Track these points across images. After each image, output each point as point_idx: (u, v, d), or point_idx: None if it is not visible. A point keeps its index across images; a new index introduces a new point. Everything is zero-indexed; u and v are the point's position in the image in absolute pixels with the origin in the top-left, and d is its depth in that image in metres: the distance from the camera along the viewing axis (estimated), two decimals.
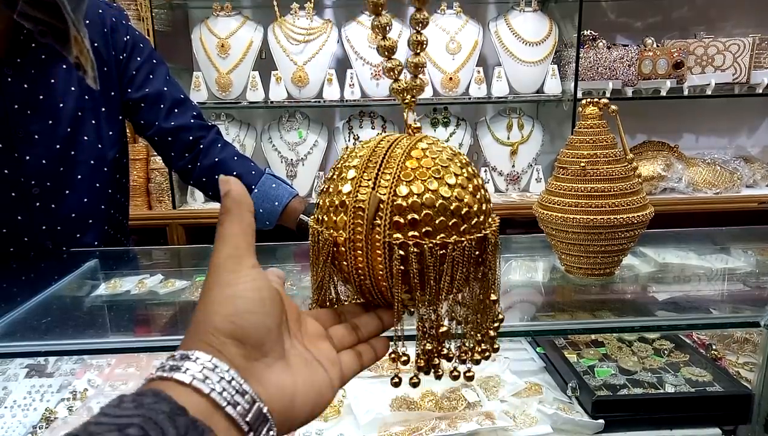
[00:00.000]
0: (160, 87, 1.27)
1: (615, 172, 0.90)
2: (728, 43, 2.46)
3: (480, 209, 0.44)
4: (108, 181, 1.25)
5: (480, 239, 0.43)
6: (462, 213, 0.42)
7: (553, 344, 1.15)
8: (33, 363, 1.12)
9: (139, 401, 0.29)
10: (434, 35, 2.45)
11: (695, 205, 2.42)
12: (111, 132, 1.23)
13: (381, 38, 0.45)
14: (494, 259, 0.46)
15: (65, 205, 1.17)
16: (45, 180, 1.14)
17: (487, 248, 0.44)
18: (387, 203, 0.41)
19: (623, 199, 0.89)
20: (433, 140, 0.46)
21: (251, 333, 0.36)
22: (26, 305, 0.92)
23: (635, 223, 0.89)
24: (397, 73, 0.46)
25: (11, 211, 1.13)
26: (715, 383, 1.00)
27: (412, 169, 0.43)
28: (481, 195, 0.45)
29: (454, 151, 0.46)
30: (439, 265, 0.42)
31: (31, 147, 1.11)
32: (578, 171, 0.91)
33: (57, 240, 1.18)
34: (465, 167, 0.45)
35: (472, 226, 0.43)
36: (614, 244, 0.91)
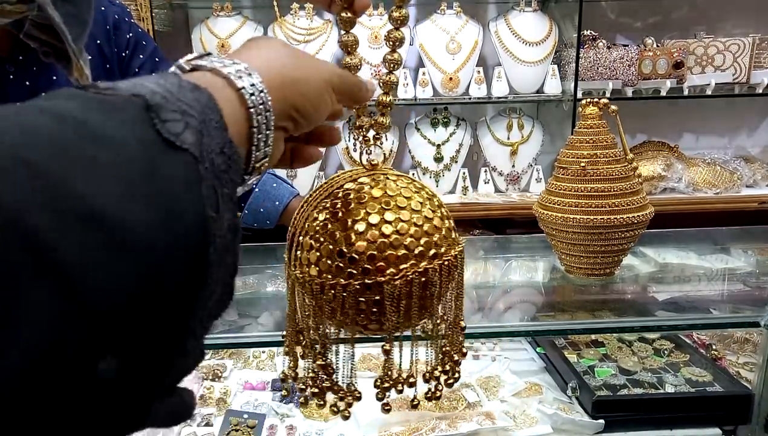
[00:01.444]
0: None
1: (615, 173, 0.90)
2: (728, 43, 2.46)
3: (427, 240, 0.43)
4: None
5: (423, 271, 0.42)
6: (406, 244, 0.41)
7: (553, 344, 1.15)
8: None
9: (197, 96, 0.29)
10: (434, 35, 2.45)
11: (695, 205, 2.42)
12: None
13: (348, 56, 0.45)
14: (444, 287, 0.44)
15: None
16: None
17: (430, 281, 0.43)
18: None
19: (623, 199, 0.89)
20: (383, 177, 0.46)
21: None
22: None
23: (635, 223, 0.89)
24: (361, 113, 0.46)
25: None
26: (715, 383, 1.00)
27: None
28: (431, 224, 0.43)
29: (408, 183, 0.46)
30: (389, 299, 0.41)
31: None
32: (578, 171, 0.91)
33: None
34: (411, 199, 0.44)
35: (417, 255, 0.42)
36: (614, 244, 0.91)
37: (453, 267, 0.44)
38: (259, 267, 1.15)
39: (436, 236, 0.42)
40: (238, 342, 0.85)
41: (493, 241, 1.76)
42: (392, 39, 0.46)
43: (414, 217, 0.42)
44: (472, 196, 2.49)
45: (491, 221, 2.50)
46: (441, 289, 0.43)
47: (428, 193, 0.45)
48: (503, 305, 1.01)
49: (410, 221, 0.41)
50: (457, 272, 0.45)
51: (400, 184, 0.44)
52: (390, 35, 0.46)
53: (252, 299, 0.99)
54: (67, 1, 0.40)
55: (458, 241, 0.46)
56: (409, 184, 0.45)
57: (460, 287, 0.47)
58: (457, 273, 0.45)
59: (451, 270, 0.43)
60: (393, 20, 0.45)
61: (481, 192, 2.56)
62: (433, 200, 0.45)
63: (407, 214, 0.42)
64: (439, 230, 0.43)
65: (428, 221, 0.42)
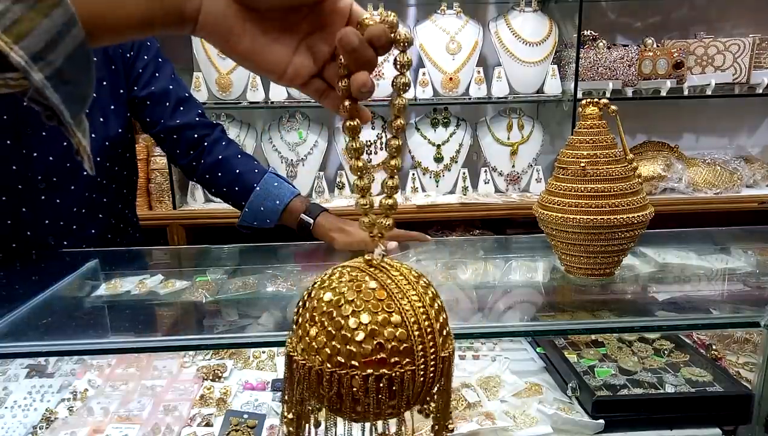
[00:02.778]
0: (166, 85, 1.29)
1: (615, 173, 0.90)
2: (728, 43, 2.46)
3: (413, 344, 0.43)
4: (113, 177, 1.27)
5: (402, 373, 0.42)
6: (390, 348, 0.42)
7: (553, 344, 1.15)
8: (33, 363, 1.12)
9: None
10: (434, 35, 2.45)
11: (695, 205, 2.42)
12: (119, 129, 1.25)
13: (357, 178, 0.46)
14: (417, 390, 0.44)
15: (70, 199, 1.20)
16: (51, 175, 1.17)
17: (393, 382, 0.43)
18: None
19: (623, 199, 0.89)
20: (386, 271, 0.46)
21: None
22: (26, 305, 0.92)
23: (635, 223, 0.89)
24: (368, 209, 0.47)
25: (17, 205, 1.16)
26: (715, 383, 1.00)
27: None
28: (425, 325, 0.43)
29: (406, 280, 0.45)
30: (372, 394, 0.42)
31: (39, 144, 1.14)
32: (578, 171, 0.91)
33: (59, 234, 1.20)
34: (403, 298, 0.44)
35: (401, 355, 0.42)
36: (614, 244, 0.91)
37: (430, 371, 0.44)
38: (259, 267, 1.15)
39: (410, 342, 0.42)
40: (238, 342, 0.85)
41: (493, 241, 1.77)
42: (390, 188, 0.47)
43: (393, 318, 0.42)
44: (472, 196, 2.49)
45: (491, 221, 2.50)
46: (413, 390, 0.43)
47: (420, 291, 0.45)
48: (503, 305, 1.01)
49: (388, 323, 0.42)
50: (437, 375, 0.45)
51: (388, 283, 0.44)
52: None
53: (252, 299, 0.99)
54: (69, 83, 0.40)
55: (446, 344, 0.45)
56: (400, 282, 0.44)
57: (446, 389, 0.47)
58: (436, 376, 0.45)
59: (426, 374, 0.43)
60: (390, 148, 0.46)
61: (481, 192, 2.56)
62: (422, 300, 0.44)
63: (383, 315, 0.42)
64: (419, 335, 0.43)
65: (403, 326, 0.42)
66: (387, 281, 0.44)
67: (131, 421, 0.96)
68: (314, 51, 0.50)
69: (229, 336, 0.82)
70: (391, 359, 0.42)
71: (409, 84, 0.46)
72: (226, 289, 1.02)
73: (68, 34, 0.39)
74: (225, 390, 1.05)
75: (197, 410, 1.00)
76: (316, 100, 0.52)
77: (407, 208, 2.37)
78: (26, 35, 0.37)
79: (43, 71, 0.38)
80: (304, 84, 0.51)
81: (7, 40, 0.36)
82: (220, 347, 1.08)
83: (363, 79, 0.45)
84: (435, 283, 0.48)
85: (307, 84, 0.51)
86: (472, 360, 1.14)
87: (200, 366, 1.12)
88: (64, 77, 0.39)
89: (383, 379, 0.42)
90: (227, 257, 1.25)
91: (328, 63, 0.50)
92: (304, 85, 0.51)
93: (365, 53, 0.44)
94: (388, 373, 0.42)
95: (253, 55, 0.49)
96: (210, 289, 1.02)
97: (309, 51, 0.50)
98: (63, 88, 0.40)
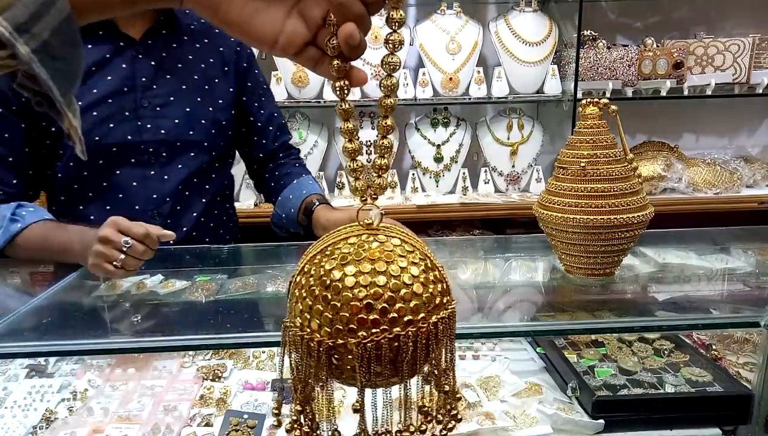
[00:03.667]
0: (273, 111, 1.44)
1: (615, 173, 0.90)
2: (728, 43, 2.46)
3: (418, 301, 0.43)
4: (213, 166, 1.32)
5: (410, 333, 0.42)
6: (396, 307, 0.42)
7: (553, 344, 1.15)
8: (33, 363, 1.12)
9: None
10: (434, 35, 2.45)
11: (695, 205, 2.42)
12: (224, 122, 1.31)
13: (347, 141, 0.46)
14: (421, 352, 0.44)
15: (175, 178, 1.25)
16: (161, 151, 1.23)
17: (402, 346, 0.43)
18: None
19: (623, 199, 0.89)
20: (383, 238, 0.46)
21: None
22: (27, 305, 0.92)
23: (635, 223, 0.89)
24: (358, 174, 0.47)
25: (129, 177, 1.22)
26: (715, 383, 1.00)
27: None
28: (409, 290, 0.43)
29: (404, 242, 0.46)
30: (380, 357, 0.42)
31: (152, 118, 1.22)
32: (578, 171, 0.91)
33: (163, 212, 1.25)
34: (406, 257, 0.44)
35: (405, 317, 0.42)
36: (614, 244, 0.91)
37: (431, 334, 0.44)
38: (259, 267, 1.15)
39: (413, 301, 0.42)
40: (238, 342, 0.85)
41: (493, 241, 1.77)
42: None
43: (391, 282, 0.42)
44: (472, 196, 2.49)
45: (491, 221, 2.50)
46: (417, 354, 0.43)
47: (419, 255, 0.45)
48: (503, 305, 1.01)
49: (386, 286, 0.42)
50: (439, 336, 0.44)
51: (386, 247, 0.44)
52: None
53: (252, 299, 0.99)
54: (57, 58, 0.40)
55: (446, 305, 0.45)
56: (397, 246, 0.44)
57: (449, 351, 0.47)
58: (438, 339, 0.44)
59: (429, 337, 0.43)
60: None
61: (481, 192, 2.56)
62: (420, 264, 0.44)
63: (384, 278, 0.42)
64: (418, 295, 0.43)
65: (406, 287, 0.42)
66: (387, 244, 0.44)
67: (131, 421, 0.96)
68: (306, 16, 0.48)
69: (229, 336, 0.82)
70: (393, 320, 0.42)
71: (399, 63, 0.46)
72: (226, 289, 1.02)
73: (53, 7, 0.39)
74: (225, 390, 1.05)
75: (197, 410, 1.00)
76: (311, 68, 0.50)
77: (407, 208, 2.37)
78: (9, 7, 0.36)
79: (28, 44, 0.38)
80: (298, 53, 0.50)
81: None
82: (220, 347, 1.08)
83: (349, 30, 0.44)
84: None
85: (300, 53, 0.50)
86: (472, 360, 1.14)
87: (200, 366, 1.12)
88: (51, 52, 0.39)
89: (385, 341, 0.42)
90: (227, 257, 1.25)
91: (321, 29, 0.48)
92: (297, 54, 0.50)
93: (353, 6, 0.43)
94: (392, 335, 0.42)
95: (244, 24, 0.48)
96: (210, 289, 1.02)
97: (301, 17, 0.48)
98: (51, 63, 0.39)
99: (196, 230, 1.30)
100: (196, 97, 1.26)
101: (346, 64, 0.46)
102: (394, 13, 0.44)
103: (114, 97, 1.19)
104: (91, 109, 1.17)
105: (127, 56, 1.20)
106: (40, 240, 1.12)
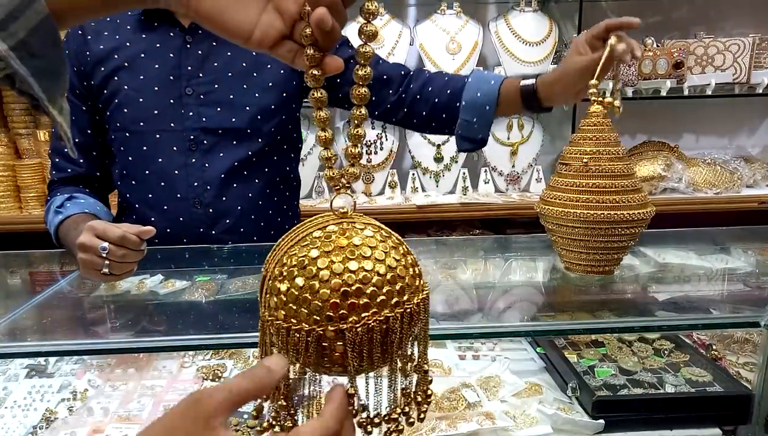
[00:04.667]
0: (375, 59, 1.29)
1: (617, 170, 0.90)
2: (728, 43, 2.46)
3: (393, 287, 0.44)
4: (261, 156, 1.28)
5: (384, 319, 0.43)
6: (368, 293, 0.43)
7: (553, 344, 1.15)
8: (33, 363, 1.12)
9: None
10: (434, 35, 2.45)
11: (695, 205, 2.42)
12: (272, 106, 1.27)
13: (321, 130, 0.47)
14: (406, 333, 0.45)
15: (217, 167, 1.24)
16: (203, 138, 1.23)
17: (391, 328, 0.44)
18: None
19: (624, 196, 0.90)
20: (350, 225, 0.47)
21: None
22: (27, 304, 0.92)
23: (636, 220, 0.89)
24: (332, 163, 0.47)
25: (172, 163, 1.22)
26: (715, 383, 1.00)
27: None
28: (394, 273, 0.44)
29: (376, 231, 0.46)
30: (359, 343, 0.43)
31: (195, 106, 1.22)
32: (581, 167, 0.91)
33: (204, 202, 1.24)
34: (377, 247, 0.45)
35: (378, 303, 0.43)
36: (614, 240, 0.91)
37: (415, 314, 0.45)
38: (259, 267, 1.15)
39: (398, 284, 0.44)
40: (238, 342, 0.85)
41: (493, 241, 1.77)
42: (355, 135, 0.47)
43: (377, 266, 0.43)
44: (472, 196, 2.49)
45: (491, 221, 2.50)
46: (403, 335, 0.45)
47: (395, 241, 0.47)
48: (503, 305, 1.01)
49: (373, 271, 0.43)
50: (420, 318, 0.46)
51: (367, 233, 0.45)
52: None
53: (252, 299, 0.99)
54: (35, 56, 0.41)
55: (423, 287, 0.47)
56: (376, 232, 0.46)
57: (424, 331, 0.49)
58: (419, 319, 0.46)
59: (413, 317, 0.45)
60: (354, 117, 0.47)
61: (481, 192, 2.56)
62: (398, 248, 0.46)
63: (370, 263, 0.43)
64: (402, 278, 0.44)
65: (391, 270, 0.44)
66: (367, 230, 0.45)
67: (131, 421, 0.96)
68: (282, 10, 0.48)
69: (229, 336, 0.82)
70: (382, 303, 0.43)
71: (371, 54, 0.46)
72: (226, 289, 1.02)
73: (30, 8, 0.40)
74: None
75: None
76: (288, 62, 0.50)
77: (407, 208, 2.37)
78: None
79: (6, 41, 0.39)
80: (273, 46, 0.49)
81: None
82: (220, 347, 1.08)
83: (320, 14, 0.43)
84: (435, 282, 0.48)
85: (276, 46, 0.49)
86: (472, 360, 1.14)
87: (200, 366, 1.12)
88: (31, 50, 0.40)
89: (376, 324, 0.43)
90: (227, 257, 1.25)
91: (297, 23, 0.48)
92: (273, 47, 0.49)
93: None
94: (381, 318, 0.43)
95: (217, 16, 0.48)
96: (210, 289, 1.02)
97: (276, 11, 0.48)
98: (30, 61, 0.40)
99: (243, 225, 1.27)
100: (242, 84, 1.24)
101: (319, 52, 0.46)
102: (369, 4, 0.44)
103: (160, 85, 1.20)
104: (137, 96, 1.20)
105: (175, 45, 1.22)
106: (64, 236, 1.15)
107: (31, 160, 2.39)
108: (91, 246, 0.93)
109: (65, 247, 1.16)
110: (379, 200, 2.47)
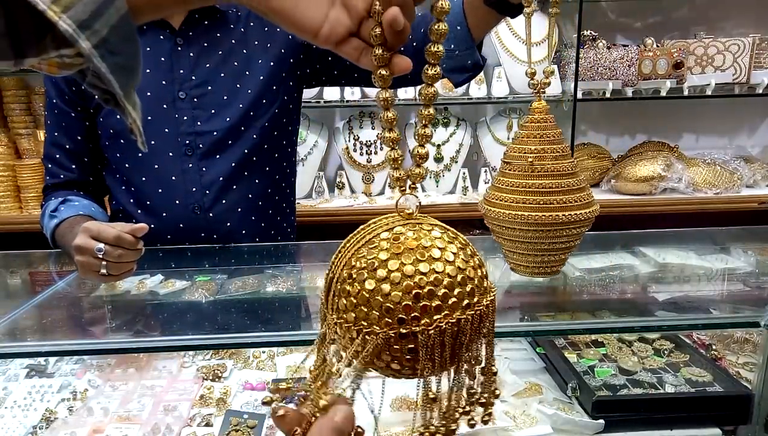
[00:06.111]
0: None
1: (562, 168, 0.88)
2: (728, 43, 2.46)
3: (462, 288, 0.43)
4: (259, 156, 1.26)
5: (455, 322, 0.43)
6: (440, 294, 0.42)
7: (553, 344, 1.15)
8: (33, 363, 1.12)
9: None
10: None
11: (695, 205, 2.42)
12: (264, 100, 1.25)
13: (388, 130, 0.46)
14: (476, 334, 0.45)
15: (214, 169, 1.22)
16: (199, 142, 1.21)
17: (462, 330, 0.44)
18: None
19: (570, 195, 0.87)
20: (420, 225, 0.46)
21: None
22: (26, 305, 0.92)
23: (583, 220, 0.87)
24: (399, 163, 0.47)
25: (168, 169, 1.21)
26: (715, 383, 1.00)
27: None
28: (464, 275, 0.44)
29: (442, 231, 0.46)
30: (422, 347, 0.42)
31: (190, 109, 1.21)
32: (526, 166, 0.88)
33: (204, 206, 1.23)
34: (448, 246, 0.45)
35: (449, 305, 0.43)
36: (561, 241, 0.89)
37: (485, 316, 0.45)
38: (259, 267, 1.15)
39: (468, 286, 0.43)
40: (238, 342, 0.85)
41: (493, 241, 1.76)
42: (422, 136, 0.47)
43: (448, 268, 0.43)
44: (472, 196, 2.49)
45: None
46: (473, 337, 0.44)
47: (462, 242, 0.46)
48: (503, 305, 1.01)
49: (444, 272, 0.42)
50: (489, 319, 0.46)
51: (435, 235, 0.45)
52: (418, 132, 0.47)
53: (252, 299, 0.99)
54: (116, 54, 0.42)
55: (491, 288, 0.46)
56: (443, 233, 0.45)
57: (491, 333, 0.48)
58: (488, 321, 0.46)
59: (483, 319, 0.44)
60: (421, 117, 0.46)
61: (481, 192, 2.56)
62: (466, 249, 0.45)
63: (441, 265, 0.43)
64: (472, 279, 0.44)
65: (461, 272, 0.43)
66: (435, 231, 0.45)
67: (131, 421, 0.96)
68: (350, 7, 0.48)
69: (229, 336, 0.82)
70: (454, 306, 0.42)
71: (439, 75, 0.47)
72: (226, 289, 1.02)
73: (111, 6, 0.41)
74: (225, 390, 1.05)
75: (197, 410, 1.00)
76: (353, 60, 0.50)
77: None
78: (72, 6, 0.39)
79: (90, 40, 0.40)
80: (340, 42, 0.50)
81: (56, 10, 0.38)
82: (219, 347, 1.08)
83: (393, 14, 0.43)
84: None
85: (343, 43, 0.50)
86: None
87: (200, 366, 1.12)
88: (111, 48, 0.42)
89: (448, 326, 0.42)
90: (227, 257, 1.25)
91: (364, 20, 0.49)
92: (340, 43, 0.50)
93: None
94: (453, 320, 0.42)
95: (289, 11, 0.48)
96: (210, 289, 1.02)
97: (344, 7, 0.49)
98: (110, 58, 0.42)
99: (244, 228, 1.26)
100: (235, 84, 1.22)
101: (388, 52, 0.46)
102: (443, 3, 0.44)
103: (152, 90, 1.19)
104: None
105: (166, 48, 1.20)
106: (61, 239, 1.15)
107: (31, 160, 2.39)
108: (87, 248, 0.93)
109: (63, 250, 1.15)
110: (379, 200, 2.47)
